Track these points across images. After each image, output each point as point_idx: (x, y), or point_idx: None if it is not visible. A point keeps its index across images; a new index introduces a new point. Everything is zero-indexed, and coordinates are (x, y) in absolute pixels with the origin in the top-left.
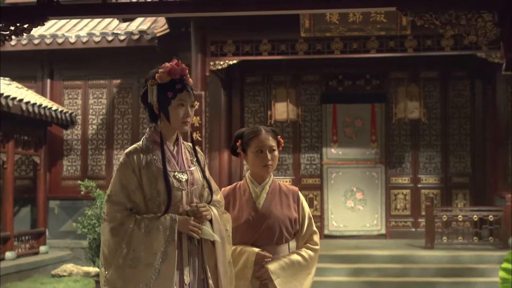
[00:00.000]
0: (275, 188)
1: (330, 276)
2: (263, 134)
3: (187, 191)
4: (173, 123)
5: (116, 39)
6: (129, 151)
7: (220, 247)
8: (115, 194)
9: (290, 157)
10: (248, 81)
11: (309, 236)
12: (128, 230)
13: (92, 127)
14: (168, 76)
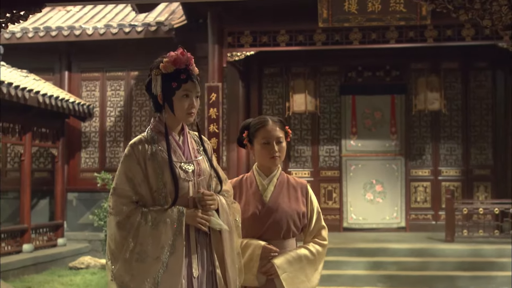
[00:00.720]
0: (283, 181)
1: (347, 269)
2: (270, 125)
3: (193, 182)
4: (177, 114)
5: (134, 30)
6: (133, 142)
7: (228, 237)
8: (120, 187)
9: (308, 149)
10: (266, 73)
11: (317, 231)
12: (135, 224)
13: (110, 119)
14: (172, 66)
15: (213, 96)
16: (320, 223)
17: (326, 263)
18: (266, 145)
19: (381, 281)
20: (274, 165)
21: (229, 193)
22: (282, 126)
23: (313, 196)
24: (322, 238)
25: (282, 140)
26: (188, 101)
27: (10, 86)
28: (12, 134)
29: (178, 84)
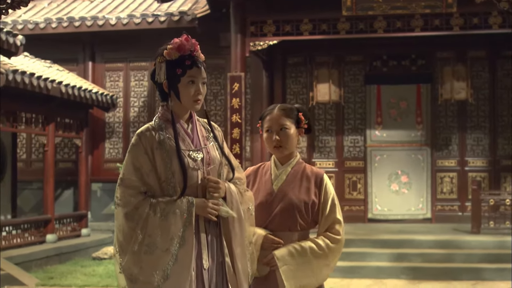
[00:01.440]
0: (297, 171)
1: (371, 261)
2: (273, 113)
3: (203, 170)
4: (183, 102)
5: (157, 20)
6: (140, 131)
7: (237, 226)
8: (128, 178)
9: (333, 140)
10: (290, 62)
11: (330, 224)
12: (143, 215)
13: (134, 109)
14: (177, 52)
15: (236, 86)
16: (334, 216)
17: (349, 254)
18: (269, 133)
19: (405, 273)
20: (279, 154)
21: (241, 180)
22: (289, 113)
23: (328, 187)
24: (336, 232)
25: (288, 127)
26: (194, 88)
27: (33, 77)
28: (35, 125)
29: (183, 70)
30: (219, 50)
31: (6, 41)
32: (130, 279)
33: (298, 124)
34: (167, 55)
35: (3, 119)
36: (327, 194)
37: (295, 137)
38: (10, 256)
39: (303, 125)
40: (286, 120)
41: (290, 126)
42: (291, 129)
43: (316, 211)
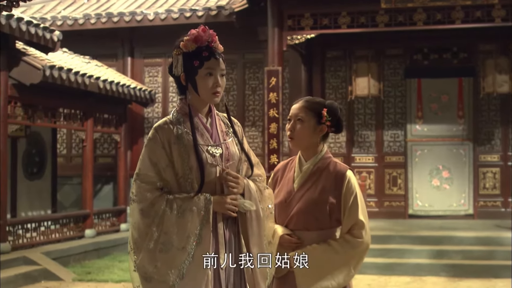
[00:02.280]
0: (320, 168)
1: (410, 258)
2: (297, 103)
3: (221, 167)
4: (202, 94)
5: (194, 15)
6: (157, 125)
7: (255, 224)
8: (144, 173)
9: (372, 134)
10: (329, 56)
11: (352, 226)
12: (159, 212)
13: (173, 104)
14: (194, 44)
15: (273, 81)
16: (355, 217)
17: (388, 251)
18: (288, 123)
19: (445, 270)
20: (292, 146)
21: (261, 178)
22: (312, 107)
23: (351, 185)
24: (357, 235)
25: (304, 120)
26: (212, 80)
27: (70, 72)
28: (74, 120)
29: (200, 62)
30: (258, 45)
31: (43, 36)
32: (144, 278)
33: (319, 120)
34: (184, 46)
35: (41, 115)
36: (348, 193)
37: (311, 132)
38: (48, 251)
39: (324, 122)
40: (305, 113)
41: (306, 119)
42: (307, 123)
43: (337, 210)
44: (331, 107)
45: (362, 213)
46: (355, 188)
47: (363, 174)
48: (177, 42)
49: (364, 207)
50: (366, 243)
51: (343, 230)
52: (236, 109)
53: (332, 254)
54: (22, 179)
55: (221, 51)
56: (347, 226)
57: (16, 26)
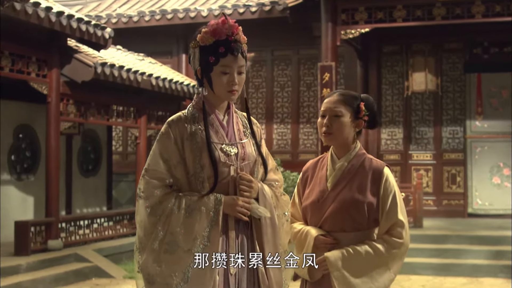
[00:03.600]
0: (355, 165)
1: (467, 258)
2: (331, 97)
3: (236, 166)
4: (217, 92)
5: (248, 11)
6: (171, 119)
7: (270, 231)
8: (153, 168)
9: (430, 131)
10: (385, 51)
11: (391, 226)
12: (167, 210)
13: None
14: (211, 37)
15: (326, 76)
16: (395, 217)
17: (444, 251)
18: (322, 118)
19: (503, 272)
20: (327, 142)
21: (278, 183)
22: (348, 100)
23: (390, 183)
24: (397, 235)
25: (342, 115)
26: (227, 78)
27: (122, 69)
28: (127, 117)
29: (215, 58)
30: (312, 40)
31: (94, 34)
32: (147, 280)
33: (356, 114)
34: (201, 40)
35: (93, 112)
36: (386, 192)
37: (349, 127)
38: (100, 248)
39: (362, 117)
40: (341, 107)
41: (344, 114)
42: (345, 118)
43: (375, 210)
44: (368, 101)
45: (401, 212)
46: (394, 186)
47: (420, 171)
48: (196, 34)
49: (403, 206)
50: (406, 244)
51: (382, 231)
52: (291, 105)
53: (371, 256)
54: (77, 176)
55: (243, 43)
56: (385, 226)
57: (66, 24)
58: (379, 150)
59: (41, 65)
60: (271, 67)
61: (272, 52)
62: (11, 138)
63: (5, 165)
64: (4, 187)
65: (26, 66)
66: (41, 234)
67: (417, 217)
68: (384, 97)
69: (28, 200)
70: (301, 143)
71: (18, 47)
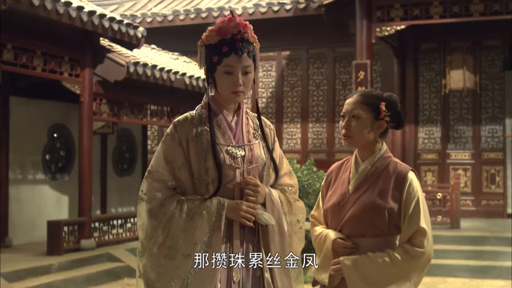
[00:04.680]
0: (379, 168)
1: (505, 260)
2: (351, 97)
3: (242, 169)
4: (221, 92)
5: (282, 9)
6: (177, 120)
7: (277, 239)
8: (156, 170)
9: (469, 130)
10: (422, 48)
11: (413, 234)
12: (168, 213)
13: (262, 100)
14: (217, 36)
15: (361, 74)
16: (416, 224)
17: (481, 253)
18: (342, 119)
19: None
20: (347, 145)
21: (292, 188)
22: (368, 101)
23: (413, 188)
24: (418, 244)
25: (360, 116)
26: (231, 78)
27: (155, 69)
28: (161, 117)
29: (219, 58)
30: (348, 38)
31: (126, 33)
32: (147, 285)
33: (377, 115)
34: (206, 38)
35: (127, 111)
36: (409, 197)
37: (369, 130)
38: (133, 248)
39: (383, 118)
40: (361, 108)
41: (363, 115)
42: (364, 119)
43: (397, 216)
44: (390, 101)
45: (424, 220)
46: (417, 192)
47: (458, 171)
48: (204, 32)
49: (427, 214)
50: (427, 254)
51: (403, 239)
52: (326, 104)
53: (389, 265)
54: (112, 176)
55: (252, 42)
56: (407, 234)
57: (98, 23)
58: (416, 149)
59: (73, 64)
60: (306, 65)
61: (308, 50)
62: (46, 137)
63: (40, 165)
64: (39, 187)
65: (58, 65)
66: (74, 234)
67: (454, 218)
68: (422, 95)
69: (63, 200)
70: (336, 142)
71: (50, 47)
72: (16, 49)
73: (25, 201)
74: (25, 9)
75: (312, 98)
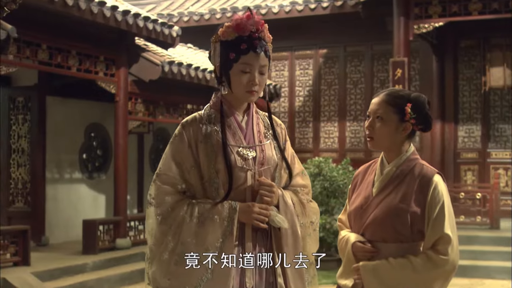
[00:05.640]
0: (404, 171)
1: None
2: (377, 97)
3: (253, 172)
4: (235, 92)
5: (319, 6)
6: (185, 121)
7: (290, 242)
8: (165, 173)
9: (510, 128)
10: (462, 45)
11: (436, 241)
12: (178, 218)
13: (299, 99)
14: (234, 32)
15: (398, 72)
16: (440, 231)
17: None
18: (367, 120)
19: None
20: (370, 148)
21: (305, 189)
22: (393, 101)
23: (438, 192)
24: (442, 251)
25: (383, 117)
26: (247, 77)
27: (190, 68)
28: None
29: (236, 55)
30: (386, 35)
31: (161, 32)
32: None
33: (402, 117)
34: (222, 34)
35: (162, 110)
36: (434, 201)
37: (393, 132)
38: None
39: (408, 120)
40: (385, 109)
41: (387, 116)
42: (388, 121)
43: (420, 220)
44: (417, 101)
45: (449, 226)
46: (443, 196)
47: (499, 170)
48: (218, 27)
49: (453, 220)
50: (452, 262)
51: (427, 245)
52: (364, 102)
53: (410, 272)
54: (149, 175)
55: (268, 42)
56: (430, 240)
57: (133, 22)
58: (456, 149)
59: (109, 64)
60: (343, 63)
61: (345, 48)
62: (83, 137)
63: (77, 164)
64: (76, 186)
65: (94, 65)
66: (109, 233)
67: (494, 218)
68: (461, 93)
69: (100, 199)
70: None
71: (85, 47)
72: (51, 49)
73: (61, 200)
74: (59, 9)
75: (350, 96)
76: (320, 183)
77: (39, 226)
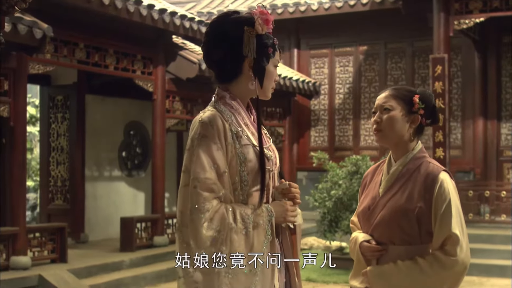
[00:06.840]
0: (411, 169)
1: None
2: (383, 92)
3: (272, 172)
4: (265, 86)
5: (359, 3)
6: (209, 120)
7: (299, 239)
8: (204, 177)
9: None
10: (505, 41)
11: (444, 241)
12: (225, 227)
13: (339, 96)
14: (265, 26)
15: (438, 69)
16: (447, 230)
17: None
18: (373, 115)
19: None
20: (378, 140)
21: None
22: (400, 94)
23: (445, 190)
24: (449, 252)
25: (392, 109)
26: (276, 73)
27: None
28: None
29: (273, 50)
30: (427, 32)
31: (198, 30)
32: None
33: (410, 108)
34: (260, 27)
35: (200, 109)
36: (440, 199)
37: (401, 123)
38: None
39: (416, 110)
40: (392, 101)
41: (395, 107)
42: (396, 112)
43: (427, 221)
44: (424, 94)
45: (457, 225)
46: (449, 194)
47: None
48: (242, 19)
49: (461, 218)
50: (461, 263)
51: (435, 245)
52: None
53: (418, 274)
54: None
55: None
56: (438, 240)
57: (169, 21)
58: (499, 146)
59: (146, 62)
60: (384, 60)
61: (385, 45)
62: (122, 135)
63: (116, 162)
64: (115, 184)
65: (131, 64)
66: (146, 230)
67: None
68: (504, 90)
69: (139, 197)
70: None
71: (122, 45)
72: (88, 47)
73: (101, 198)
74: (95, 8)
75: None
76: (357, 181)
77: (78, 224)
